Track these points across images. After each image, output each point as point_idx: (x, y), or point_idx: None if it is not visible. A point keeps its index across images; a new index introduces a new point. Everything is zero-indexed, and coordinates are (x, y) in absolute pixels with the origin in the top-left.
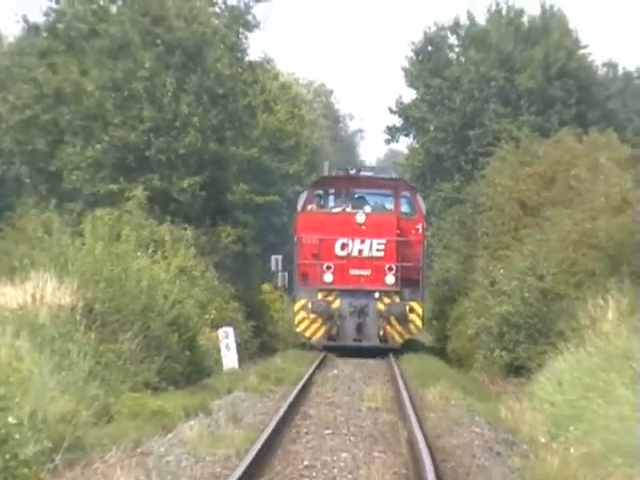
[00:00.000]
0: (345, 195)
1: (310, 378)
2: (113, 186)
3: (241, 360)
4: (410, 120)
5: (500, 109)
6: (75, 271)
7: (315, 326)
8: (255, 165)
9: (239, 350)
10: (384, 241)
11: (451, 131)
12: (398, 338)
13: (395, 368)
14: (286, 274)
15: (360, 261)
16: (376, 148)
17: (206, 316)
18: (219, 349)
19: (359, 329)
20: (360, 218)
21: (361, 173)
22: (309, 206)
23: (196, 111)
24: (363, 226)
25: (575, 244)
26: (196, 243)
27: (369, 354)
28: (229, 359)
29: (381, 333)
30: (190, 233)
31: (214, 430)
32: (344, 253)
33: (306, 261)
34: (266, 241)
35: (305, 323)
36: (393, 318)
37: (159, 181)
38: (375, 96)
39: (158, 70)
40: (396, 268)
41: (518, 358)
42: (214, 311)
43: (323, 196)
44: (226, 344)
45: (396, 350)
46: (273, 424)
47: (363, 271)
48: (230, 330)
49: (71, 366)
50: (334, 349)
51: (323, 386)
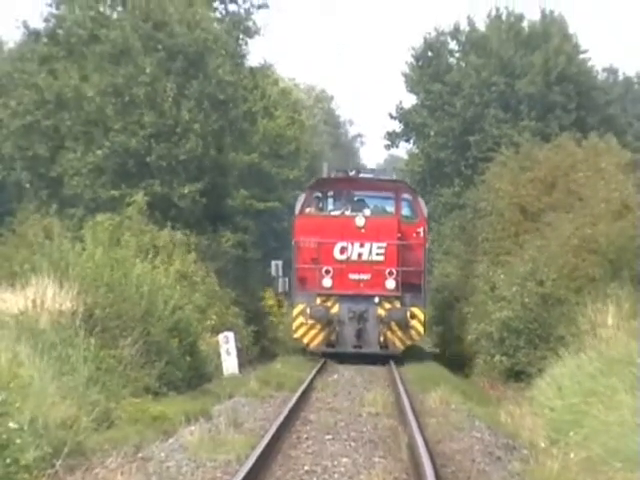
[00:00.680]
0: (344, 197)
1: (310, 383)
2: (114, 192)
3: (241, 365)
4: (410, 125)
5: (500, 114)
6: (75, 276)
7: (313, 332)
8: (255, 171)
9: (239, 355)
10: (384, 245)
11: (451, 136)
12: (399, 344)
13: (395, 373)
14: (287, 279)
15: (360, 265)
16: (376, 153)
17: (206, 321)
18: (219, 354)
19: (359, 335)
20: (360, 221)
21: (361, 175)
22: (307, 209)
23: (197, 117)
24: (363, 229)
25: (575, 249)
26: (197, 248)
27: (369, 361)
28: (229, 364)
29: (381, 339)
30: (190, 239)
31: (215, 435)
32: (343, 257)
33: (304, 265)
34: (267, 246)
35: (303, 329)
36: (394, 324)
37: (160, 187)
38: (375, 102)
39: (159, 76)
40: (397, 272)
41: (518, 363)
42: (214, 316)
43: (322, 198)
44: (226, 349)
45: (397, 357)
46: (274, 429)
47: (363, 276)
48: (230, 335)
49: (72, 371)
50: (333, 356)
51: (323, 391)
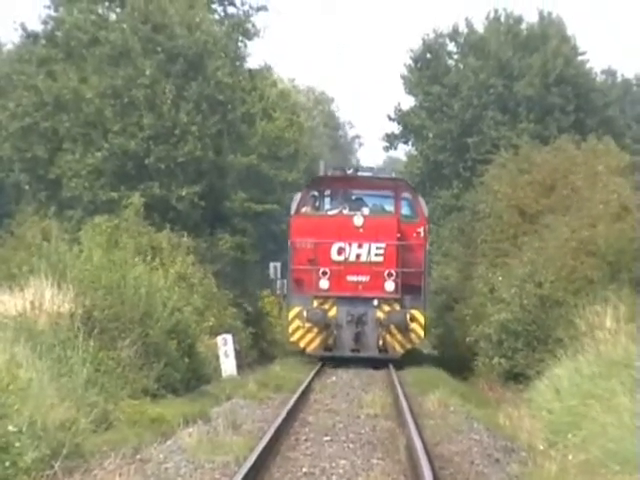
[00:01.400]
0: (342, 196)
1: (309, 385)
2: (113, 194)
3: (240, 367)
4: (409, 127)
5: (499, 116)
6: (74, 278)
7: (310, 336)
8: (254, 173)
9: (238, 357)
10: (383, 245)
11: (450, 138)
12: (399, 348)
13: (394, 375)
14: (285, 281)
15: (358, 266)
16: (375, 155)
17: (205, 323)
18: (218, 356)
19: (357, 339)
20: (358, 221)
21: (359, 173)
22: (303, 208)
23: (195, 119)
24: (361, 229)
25: (574, 251)
26: (195, 250)
27: (368, 365)
28: (228, 366)
29: (380, 343)
30: (189, 241)
31: (213, 437)
32: (341, 258)
33: (300, 267)
34: (265, 249)
35: (299, 332)
36: (393, 327)
37: (158, 189)
38: (374, 103)
39: (158, 78)
40: (396, 274)
41: (517, 365)
42: (213, 318)
43: (318, 197)
44: (225, 351)
45: (396, 361)
46: (272, 431)
47: (361, 277)
48: (229, 337)
49: (70, 373)
50: (331, 360)
51: (322, 393)
